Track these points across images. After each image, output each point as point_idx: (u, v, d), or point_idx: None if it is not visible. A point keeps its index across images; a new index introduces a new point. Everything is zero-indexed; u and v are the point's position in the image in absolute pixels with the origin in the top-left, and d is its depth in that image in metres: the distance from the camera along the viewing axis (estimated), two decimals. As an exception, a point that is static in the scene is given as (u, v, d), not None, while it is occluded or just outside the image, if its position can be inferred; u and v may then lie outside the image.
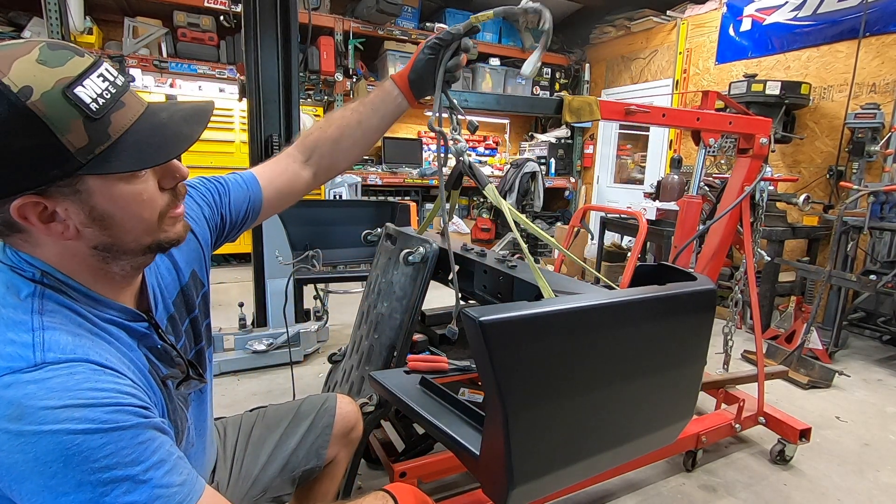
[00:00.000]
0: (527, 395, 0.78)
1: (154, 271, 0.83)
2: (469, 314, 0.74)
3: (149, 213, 0.67)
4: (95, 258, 0.66)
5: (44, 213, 0.60)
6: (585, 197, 6.43)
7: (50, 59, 0.57)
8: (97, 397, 0.57)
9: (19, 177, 0.57)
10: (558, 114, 1.48)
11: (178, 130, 0.66)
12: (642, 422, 0.97)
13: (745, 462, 2.04)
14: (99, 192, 0.62)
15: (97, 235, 0.64)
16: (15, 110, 0.54)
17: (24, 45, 0.58)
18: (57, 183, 0.58)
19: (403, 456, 1.63)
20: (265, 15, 2.55)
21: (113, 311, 0.70)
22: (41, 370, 0.56)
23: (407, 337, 1.43)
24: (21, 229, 0.61)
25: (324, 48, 4.74)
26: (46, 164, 0.57)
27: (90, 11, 4.21)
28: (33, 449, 0.53)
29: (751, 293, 1.95)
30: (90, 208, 0.62)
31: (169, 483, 0.59)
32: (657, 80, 5.40)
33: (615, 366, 0.88)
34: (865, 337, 3.63)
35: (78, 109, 0.57)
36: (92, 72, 0.60)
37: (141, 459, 0.58)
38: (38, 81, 0.55)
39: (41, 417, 0.53)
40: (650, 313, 0.92)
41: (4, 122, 0.54)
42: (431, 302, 1.60)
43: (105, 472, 0.55)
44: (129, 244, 0.67)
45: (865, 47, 3.70)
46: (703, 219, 2.44)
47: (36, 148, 0.56)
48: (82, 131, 0.57)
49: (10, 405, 0.54)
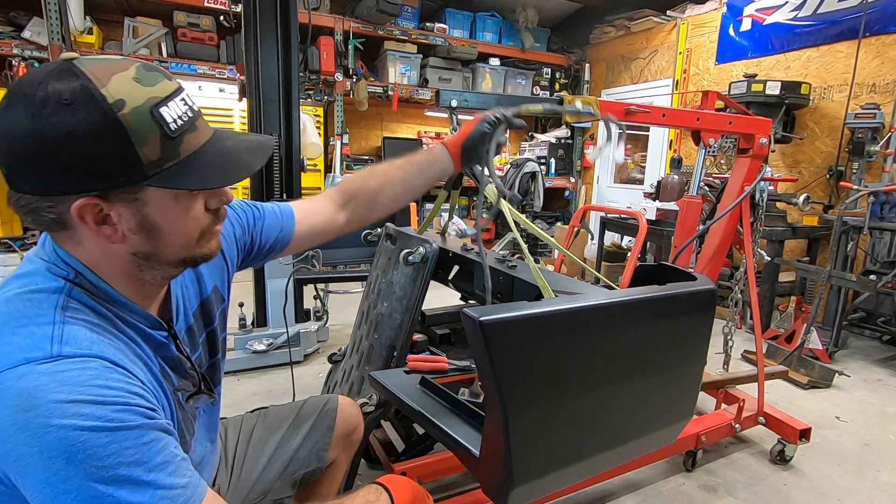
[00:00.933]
0: (527, 395, 0.78)
1: (179, 282, 0.85)
2: (469, 314, 0.74)
3: (192, 229, 0.71)
4: (132, 264, 0.69)
5: (99, 214, 0.63)
6: (585, 197, 6.43)
7: (144, 78, 0.63)
8: (106, 395, 0.58)
9: (90, 178, 0.60)
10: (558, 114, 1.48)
11: (240, 159, 0.71)
12: (642, 422, 0.97)
13: (745, 462, 2.04)
14: (154, 203, 0.65)
15: (141, 243, 0.67)
16: (105, 119, 0.59)
17: (122, 61, 0.63)
18: (120, 189, 0.62)
19: (403, 456, 1.63)
20: (265, 15, 2.54)
21: (136, 315, 0.72)
22: (56, 362, 0.57)
23: (407, 337, 1.43)
24: (71, 227, 0.64)
25: (324, 48, 4.74)
26: (118, 171, 0.61)
27: (90, 11, 4.21)
28: (38, 442, 0.54)
29: (751, 293, 1.95)
30: (142, 217, 0.65)
31: (172, 485, 0.60)
32: (657, 80, 5.40)
33: (615, 366, 0.88)
34: (865, 337, 3.63)
35: (159, 127, 0.62)
36: (176, 95, 0.65)
37: (144, 460, 0.58)
38: (131, 97, 0.60)
39: (49, 410, 0.54)
40: (650, 313, 0.92)
41: (93, 128, 0.58)
42: (431, 302, 1.60)
43: (108, 472, 0.56)
44: (168, 255, 0.70)
45: (865, 47, 3.70)
46: (703, 219, 2.44)
47: (114, 155, 0.60)
48: (157, 146, 0.62)
49: (21, 396, 0.55)
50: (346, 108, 5.10)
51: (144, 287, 0.73)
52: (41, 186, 0.61)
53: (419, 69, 5.38)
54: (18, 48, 3.90)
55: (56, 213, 0.63)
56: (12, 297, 0.63)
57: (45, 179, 0.60)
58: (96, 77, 0.59)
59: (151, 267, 0.70)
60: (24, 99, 0.58)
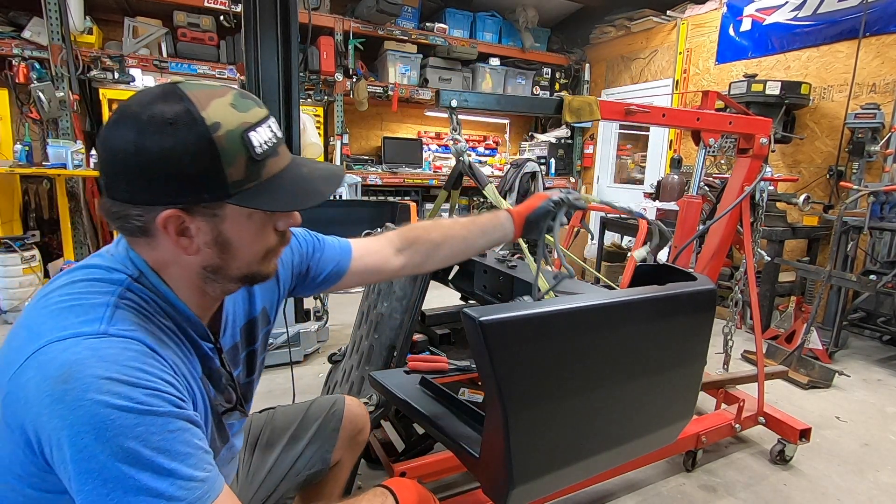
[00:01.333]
0: (527, 395, 0.78)
1: (231, 299, 0.88)
2: (469, 314, 0.74)
3: (260, 248, 0.75)
4: (200, 276, 0.73)
5: (180, 226, 0.67)
6: (585, 197, 6.43)
7: (239, 104, 0.68)
8: (140, 378, 0.60)
9: (180, 192, 0.65)
10: (558, 114, 1.48)
11: (314, 186, 0.75)
12: (642, 422, 0.97)
13: (745, 462, 2.04)
14: (231, 220, 0.70)
15: (212, 257, 0.71)
16: (202, 139, 0.64)
17: (221, 88, 0.69)
18: (203, 204, 0.67)
19: (403, 456, 1.63)
20: (265, 15, 2.54)
21: (189, 322, 0.75)
22: (100, 339, 0.61)
23: (407, 337, 1.43)
24: (152, 235, 0.68)
25: (324, 48, 4.73)
26: (205, 187, 0.66)
27: (90, 11, 4.20)
28: (71, 415, 0.56)
29: (751, 293, 1.95)
30: (218, 232, 0.70)
31: (191, 476, 0.61)
32: (657, 80, 5.40)
33: (615, 366, 0.88)
34: (865, 337, 3.63)
35: (246, 150, 0.67)
36: (264, 122, 0.70)
37: (167, 448, 0.60)
38: (226, 120, 0.66)
39: (86, 384, 0.57)
40: (650, 313, 0.92)
41: (190, 147, 0.64)
42: (431, 302, 1.60)
43: (132, 454, 0.57)
44: (233, 271, 0.74)
45: (865, 47, 3.70)
46: (703, 219, 2.44)
47: (204, 172, 0.65)
48: (243, 168, 0.67)
49: (63, 367, 0.58)
50: (346, 108, 5.10)
51: (203, 298, 0.77)
52: (135, 196, 0.66)
53: (419, 69, 5.38)
54: (18, 48, 3.90)
55: (142, 221, 0.67)
56: (77, 282, 0.68)
57: (140, 190, 0.65)
58: (198, 100, 0.65)
59: (216, 280, 0.74)
60: (131, 117, 0.64)
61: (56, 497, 0.64)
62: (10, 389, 0.61)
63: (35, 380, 0.59)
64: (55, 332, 0.61)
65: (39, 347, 0.60)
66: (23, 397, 0.59)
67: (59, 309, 0.64)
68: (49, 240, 4.30)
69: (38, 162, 3.91)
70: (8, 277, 3.39)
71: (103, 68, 4.12)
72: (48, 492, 0.64)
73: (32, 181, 4.21)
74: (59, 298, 0.66)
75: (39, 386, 0.58)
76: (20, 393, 0.60)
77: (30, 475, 0.63)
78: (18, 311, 3.38)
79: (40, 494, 0.65)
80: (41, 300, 0.67)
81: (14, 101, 4.18)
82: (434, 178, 5.67)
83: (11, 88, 4.09)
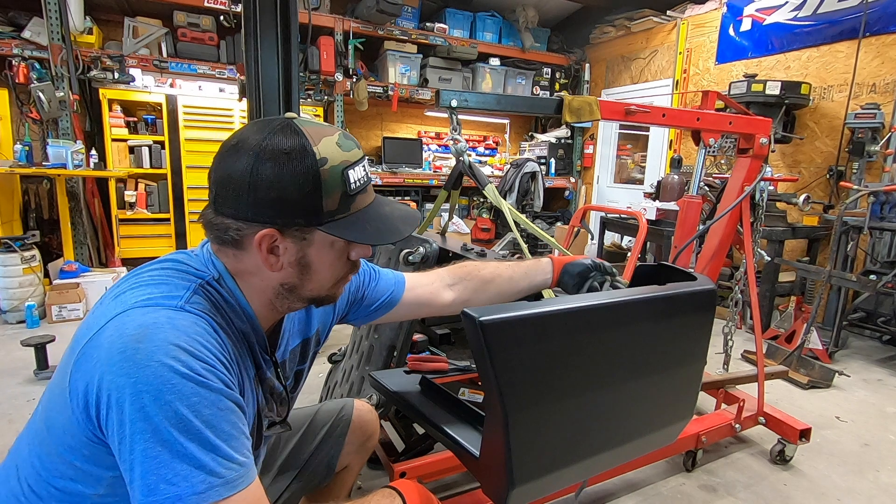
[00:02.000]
0: (527, 395, 0.78)
1: (290, 316, 0.93)
2: (469, 314, 0.74)
3: (332, 274, 0.81)
4: (275, 291, 0.79)
5: (272, 243, 0.74)
6: (585, 197, 6.43)
7: (343, 144, 0.76)
8: (202, 352, 0.66)
9: (280, 215, 0.72)
10: (558, 114, 1.48)
11: (394, 224, 0.81)
12: (642, 422, 0.97)
13: (745, 462, 2.04)
14: (317, 245, 0.76)
15: (291, 276, 0.78)
16: (310, 171, 0.71)
17: (330, 128, 0.77)
18: (296, 227, 0.73)
19: (403, 456, 1.63)
20: (265, 15, 2.54)
21: (254, 330, 0.80)
22: (178, 311, 0.68)
23: (407, 337, 1.43)
24: (244, 248, 0.75)
25: (324, 48, 4.73)
26: (301, 213, 0.73)
27: (90, 11, 4.21)
28: (137, 373, 0.61)
29: (751, 293, 1.95)
30: (303, 254, 0.76)
31: (232, 457, 0.64)
32: (657, 80, 5.40)
33: (615, 366, 0.88)
34: (865, 337, 3.63)
35: (343, 185, 0.75)
36: (360, 162, 0.78)
37: (214, 424, 0.63)
38: (332, 157, 0.73)
39: (157, 347, 0.62)
40: (650, 313, 0.92)
41: (300, 176, 0.71)
42: (431, 302, 1.60)
43: (184, 422, 0.61)
44: (306, 292, 0.80)
45: (865, 47, 3.70)
46: (703, 219, 2.44)
47: (305, 199, 0.72)
48: (337, 200, 0.74)
49: (140, 327, 0.64)
50: (346, 108, 5.10)
51: (270, 311, 0.82)
52: (240, 212, 0.72)
53: (419, 69, 5.38)
54: (18, 48, 3.90)
55: (240, 235, 0.73)
56: (166, 268, 0.75)
57: (246, 208, 0.72)
58: (311, 136, 0.73)
59: (287, 298, 0.80)
60: (251, 145, 0.71)
61: (101, 472, 0.68)
62: (86, 350, 0.66)
63: (111, 337, 0.64)
64: (140, 300, 0.68)
65: (124, 310, 0.66)
66: (95, 356, 0.64)
67: (146, 283, 0.72)
68: (49, 240, 4.30)
69: (38, 162, 3.91)
70: (8, 277, 3.38)
71: (103, 68, 4.12)
72: (95, 465, 0.68)
73: (32, 181, 4.21)
74: (148, 276, 0.73)
75: (114, 343, 0.63)
76: (93, 352, 0.64)
77: (81, 445, 0.67)
78: (19, 311, 3.39)
79: (88, 467, 0.68)
80: (131, 277, 0.75)
81: (14, 101, 4.18)
82: (434, 178, 5.68)
83: (11, 88, 4.09)
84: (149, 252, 4.26)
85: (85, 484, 0.69)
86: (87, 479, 0.69)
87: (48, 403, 0.72)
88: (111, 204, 4.28)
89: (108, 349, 0.63)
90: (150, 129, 4.45)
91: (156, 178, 4.51)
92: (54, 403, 0.70)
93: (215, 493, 0.61)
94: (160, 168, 4.45)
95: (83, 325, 0.71)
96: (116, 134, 4.28)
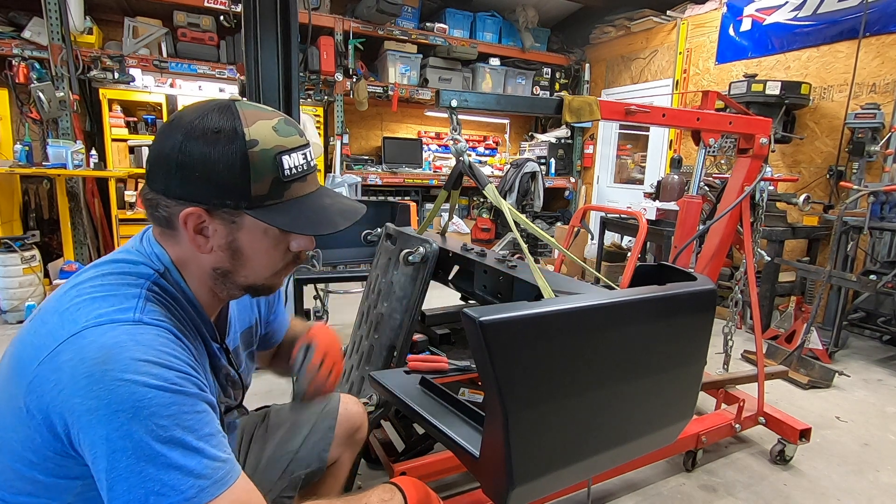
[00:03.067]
0: (527, 395, 0.78)
1: (237, 302, 0.94)
2: (469, 314, 0.74)
3: (269, 262, 0.80)
4: (210, 275, 0.79)
5: (199, 224, 0.74)
6: (585, 197, 6.43)
7: (281, 129, 0.75)
8: (172, 362, 0.66)
9: (206, 193, 0.72)
10: (558, 114, 1.47)
11: (331, 216, 0.79)
12: (642, 422, 0.97)
13: (745, 462, 2.04)
14: (247, 230, 0.76)
15: (222, 260, 0.78)
16: (238, 152, 0.71)
17: (271, 112, 0.77)
18: (223, 208, 0.73)
19: (403, 456, 1.63)
20: (265, 15, 2.54)
21: (202, 320, 0.81)
22: (136, 325, 0.66)
23: (407, 337, 1.43)
24: (175, 228, 0.75)
25: (324, 48, 4.74)
26: (228, 194, 0.72)
27: (90, 11, 4.21)
28: (109, 395, 0.60)
29: (751, 293, 1.95)
30: (232, 238, 0.76)
31: (216, 456, 0.65)
32: (657, 80, 5.40)
33: (615, 366, 0.88)
34: (865, 337, 3.63)
35: (276, 170, 0.74)
36: (300, 150, 0.77)
37: (196, 428, 0.64)
38: (265, 140, 0.73)
39: (125, 366, 0.61)
40: (650, 313, 0.92)
41: (227, 157, 0.71)
42: (431, 302, 1.60)
43: (166, 431, 0.61)
44: (240, 279, 0.80)
45: (865, 47, 3.70)
46: (703, 219, 2.44)
47: (231, 181, 0.72)
48: (268, 186, 0.74)
49: (101, 349, 0.62)
50: (346, 108, 5.10)
51: (213, 298, 0.83)
52: (169, 189, 0.72)
53: (419, 69, 5.38)
54: (18, 48, 3.90)
55: (168, 213, 0.73)
56: (107, 274, 0.73)
57: (174, 184, 0.72)
58: (245, 118, 0.73)
59: (224, 284, 0.80)
60: (184, 122, 0.72)
61: (68, 482, 0.67)
62: (40, 373, 0.63)
63: (72, 362, 0.62)
64: (91, 318, 0.65)
65: (77, 332, 0.64)
66: (54, 379, 0.62)
67: (92, 298, 0.68)
68: (49, 240, 4.31)
69: (38, 162, 3.91)
70: (8, 277, 3.38)
71: (103, 68, 4.12)
72: (61, 477, 0.67)
73: (32, 181, 4.21)
74: (90, 288, 0.70)
75: (76, 367, 0.61)
76: (52, 375, 0.62)
77: (44, 460, 0.66)
78: (19, 311, 3.39)
79: (52, 480, 0.67)
80: (71, 290, 0.71)
81: (14, 101, 4.18)
82: (434, 178, 5.68)
83: (11, 88, 4.09)
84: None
85: (48, 496, 0.68)
86: (52, 491, 0.68)
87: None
88: (111, 204, 4.28)
89: (72, 374, 0.61)
90: (150, 129, 4.45)
91: (156, 178, 4.51)
92: (2, 421, 0.68)
93: (206, 494, 0.62)
94: (160, 168, 4.45)
95: (25, 343, 0.68)
96: (116, 134, 4.28)
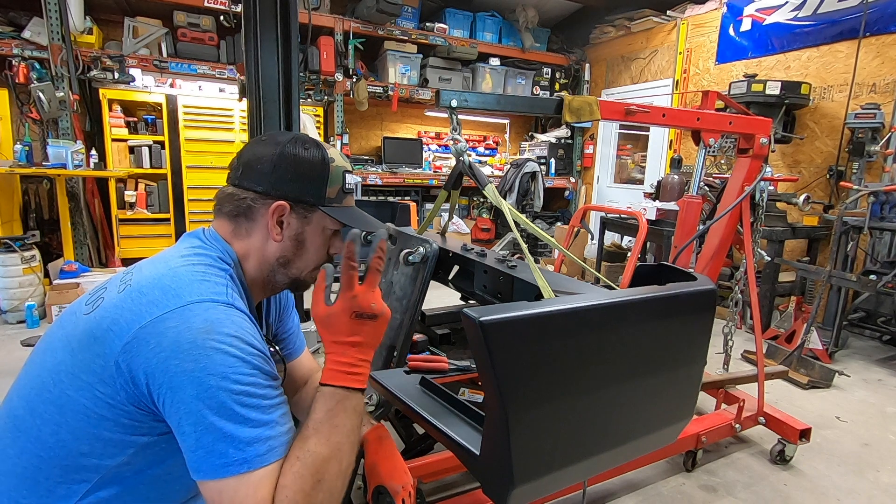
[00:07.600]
0: (527, 395, 0.78)
1: (272, 300, 1.11)
2: (469, 314, 0.74)
3: (316, 259, 0.97)
4: (271, 265, 0.94)
5: (280, 216, 0.91)
6: (585, 197, 6.43)
7: (343, 158, 1.00)
8: (253, 342, 0.78)
9: (292, 190, 0.91)
10: (558, 114, 1.47)
11: (369, 221, 1.00)
12: (642, 422, 0.97)
13: (745, 462, 2.04)
14: (313, 225, 0.94)
15: (288, 250, 0.94)
16: (323, 161, 0.94)
17: (332, 148, 0.98)
18: (302, 204, 0.92)
19: (403, 456, 1.63)
20: (265, 15, 2.54)
21: (251, 309, 0.92)
22: (229, 308, 0.79)
23: (407, 337, 1.43)
24: (255, 218, 0.91)
25: (324, 48, 4.73)
26: (310, 193, 0.92)
27: (90, 11, 4.20)
28: (205, 359, 0.71)
29: (751, 293, 1.95)
30: (301, 231, 0.93)
31: (283, 422, 0.77)
32: (657, 80, 5.40)
33: (615, 366, 0.88)
34: (865, 337, 3.63)
35: (342, 182, 0.96)
36: (352, 174, 1.00)
37: (270, 396, 0.76)
38: (337, 160, 0.96)
39: (221, 338, 0.73)
40: (650, 313, 0.92)
41: (316, 163, 0.93)
42: (431, 302, 1.60)
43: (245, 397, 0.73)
44: (293, 270, 0.96)
45: (865, 47, 3.70)
46: (703, 219, 2.44)
47: (314, 182, 0.92)
48: (336, 192, 0.95)
49: (206, 321, 0.74)
50: (346, 108, 5.10)
51: (261, 292, 0.98)
52: (261, 186, 0.90)
53: (419, 69, 5.38)
54: (18, 48, 3.90)
55: (255, 204, 0.90)
56: (196, 263, 0.84)
57: (267, 183, 0.90)
58: (322, 145, 0.96)
59: (281, 273, 0.95)
60: (278, 139, 0.92)
61: (133, 440, 0.78)
62: (140, 335, 0.73)
63: (178, 328, 0.73)
64: (194, 295, 0.77)
65: (184, 304, 0.75)
66: (154, 342, 0.73)
67: (194, 280, 0.80)
68: (49, 240, 4.30)
69: (38, 162, 3.91)
70: (8, 277, 3.38)
71: (103, 68, 4.12)
72: (129, 433, 0.77)
73: (32, 181, 4.21)
74: (192, 271, 0.82)
75: (182, 333, 0.72)
76: (153, 338, 0.73)
77: (119, 416, 0.76)
78: (19, 311, 3.39)
79: (119, 436, 0.77)
80: (172, 269, 0.81)
81: (14, 101, 4.17)
82: (434, 178, 5.67)
83: (11, 88, 4.09)
84: (149, 252, 4.23)
85: (103, 455, 0.77)
86: (111, 448, 0.77)
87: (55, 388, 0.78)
88: (111, 204, 4.28)
89: (176, 338, 0.72)
90: (150, 129, 4.45)
91: (156, 178, 4.51)
92: (68, 385, 0.77)
93: (274, 454, 0.74)
94: (160, 168, 4.45)
95: (121, 309, 0.77)
96: (116, 134, 4.28)
